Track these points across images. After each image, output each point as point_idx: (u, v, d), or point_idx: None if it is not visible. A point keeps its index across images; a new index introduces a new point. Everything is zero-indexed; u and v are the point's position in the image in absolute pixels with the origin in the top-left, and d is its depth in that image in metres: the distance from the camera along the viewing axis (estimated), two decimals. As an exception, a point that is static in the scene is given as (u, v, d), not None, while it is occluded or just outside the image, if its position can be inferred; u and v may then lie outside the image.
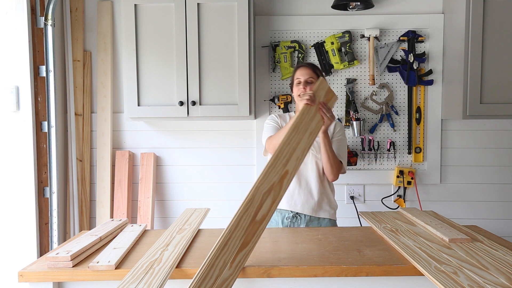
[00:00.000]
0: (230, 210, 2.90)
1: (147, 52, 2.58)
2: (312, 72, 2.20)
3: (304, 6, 2.84)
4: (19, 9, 2.49)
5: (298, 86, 2.18)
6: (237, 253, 1.38)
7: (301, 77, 2.18)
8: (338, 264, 1.46)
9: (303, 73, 2.19)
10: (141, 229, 1.88)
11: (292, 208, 2.18)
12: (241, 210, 1.44)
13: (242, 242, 1.40)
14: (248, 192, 1.48)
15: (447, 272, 1.33)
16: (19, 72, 2.52)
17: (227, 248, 1.36)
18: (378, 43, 2.83)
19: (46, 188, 2.62)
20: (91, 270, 1.43)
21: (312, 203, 2.18)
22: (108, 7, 2.84)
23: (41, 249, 2.62)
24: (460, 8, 2.57)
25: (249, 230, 1.43)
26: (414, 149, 2.87)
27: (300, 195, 2.18)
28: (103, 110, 2.85)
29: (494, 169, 2.89)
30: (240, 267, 1.38)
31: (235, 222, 1.41)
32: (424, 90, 2.86)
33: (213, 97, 2.58)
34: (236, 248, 1.38)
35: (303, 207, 2.18)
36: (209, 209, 2.20)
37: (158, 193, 2.94)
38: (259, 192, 1.50)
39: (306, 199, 2.18)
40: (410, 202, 2.90)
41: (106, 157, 2.85)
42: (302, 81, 2.17)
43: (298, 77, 2.20)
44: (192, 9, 2.54)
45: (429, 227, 1.81)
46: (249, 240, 1.42)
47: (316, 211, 2.18)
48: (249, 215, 1.45)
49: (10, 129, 2.54)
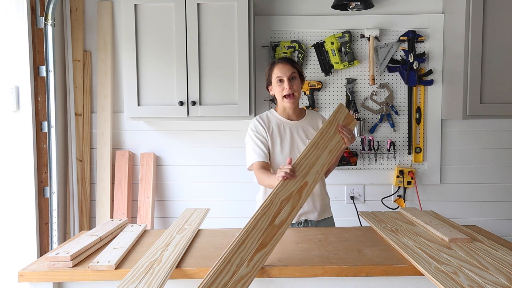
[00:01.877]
0: (230, 210, 2.90)
1: (147, 52, 2.58)
2: (292, 67, 2.04)
3: (304, 6, 2.84)
4: (19, 9, 2.49)
5: (281, 85, 2.03)
6: (255, 252, 1.44)
7: (282, 75, 2.02)
8: (338, 264, 1.46)
9: (283, 70, 2.03)
10: (141, 229, 1.88)
11: (301, 218, 2.12)
12: (259, 213, 1.53)
13: (260, 242, 1.47)
14: (266, 198, 1.60)
15: (447, 272, 1.33)
16: (19, 72, 2.52)
17: (244, 246, 1.43)
18: (378, 43, 2.83)
19: (46, 188, 2.62)
20: (91, 270, 1.43)
21: (318, 210, 2.14)
22: (108, 7, 2.84)
23: (41, 249, 2.62)
24: (460, 8, 2.57)
25: (268, 232, 1.51)
26: (414, 149, 2.87)
27: (307, 204, 2.11)
28: (103, 110, 2.85)
29: (494, 169, 2.89)
30: (259, 267, 1.43)
31: (252, 223, 1.50)
32: (424, 90, 2.86)
33: (213, 97, 2.58)
34: (254, 247, 1.45)
35: (309, 215, 2.13)
36: (209, 209, 2.20)
37: (158, 193, 2.94)
38: (277, 198, 1.60)
39: (313, 207, 2.12)
40: (410, 202, 2.90)
41: (106, 157, 2.85)
42: (284, 79, 2.02)
43: (278, 75, 2.03)
44: (192, 9, 2.54)
45: (429, 227, 1.81)
46: (268, 242, 1.49)
47: (321, 215, 2.16)
48: (267, 218, 1.54)
49: (10, 129, 2.54)
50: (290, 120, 2.13)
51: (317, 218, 2.14)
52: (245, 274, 1.38)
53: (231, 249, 1.40)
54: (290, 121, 2.13)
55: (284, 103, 2.08)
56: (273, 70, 2.07)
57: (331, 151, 1.85)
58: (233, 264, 1.37)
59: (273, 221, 1.54)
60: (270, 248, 1.49)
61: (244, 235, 1.45)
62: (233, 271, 1.36)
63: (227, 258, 1.37)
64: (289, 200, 1.62)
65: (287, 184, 1.65)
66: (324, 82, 2.85)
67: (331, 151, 1.85)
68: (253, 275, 1.39)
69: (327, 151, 1.84)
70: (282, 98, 2.07)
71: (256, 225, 1.50)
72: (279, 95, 2.07)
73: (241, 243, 1.43)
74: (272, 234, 1.52)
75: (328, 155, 1.83)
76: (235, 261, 1.38)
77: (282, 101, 2.08)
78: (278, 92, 2.07)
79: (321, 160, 1.79)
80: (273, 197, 1.59)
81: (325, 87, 2.86)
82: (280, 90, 2.05)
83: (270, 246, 1.49)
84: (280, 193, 1.61)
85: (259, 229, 1.50)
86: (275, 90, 2.09)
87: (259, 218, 1.52)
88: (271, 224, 1.53)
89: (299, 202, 1.65)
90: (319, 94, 2.86)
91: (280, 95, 2.07)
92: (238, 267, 1.38)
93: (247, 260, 1.41)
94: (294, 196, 1.64)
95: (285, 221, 1.57)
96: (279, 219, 1.56)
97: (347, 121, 1.98)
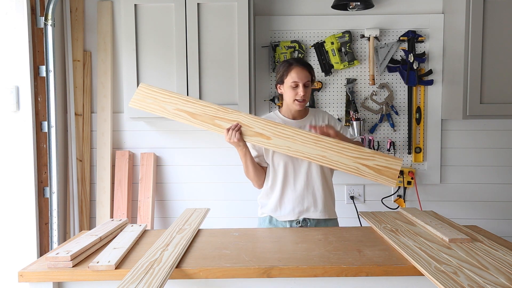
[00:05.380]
0: (230, 210, 2.90)
1: (147, 52, 2.58)
2: (309, 74, 2.07)
3: (304, 6, 2.84)
4: (19, 9, 2.49)
5: (295, 90, 2.04)
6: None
7: (299, 80, 2.03)
8: (338, 264, 1.46)
9: (301, 76, 2.04)
10: (141, 229, 1.88)
11: (300, 216, 2.12)
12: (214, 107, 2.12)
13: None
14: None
15: (447, 272, 1.33)
16: (19, 72, 2.52)
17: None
18: (378, 43, 2.83)
19: (46, 188, 2.62)
20: (91, 270, 1.43)
21: (319, 208, 2.13)
22: (108, 7, 2.84)
23: (41, 249, 2.62)
24: (460, 8, 2.57)
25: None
26: (414, 149, 2.87)
27: (307, 201, 2.12)
28: (103, 110, 2.85)
29: (494, 169, 2.89)
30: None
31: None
32: (424, 90, 2.86)
33: (213, 97, 2.58)
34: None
35: (310, 213, 2.12)
36: (209, 209, 2.20)
37: (158, 193, 2.94)
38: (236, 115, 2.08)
39: (313, 205, 2.12)
40: (410, 202, 2.90)
41: (106, 157, 2.85)
42: (300, 84, 2.03)
43: (295, 79, 2.03)
44: (192, 9, 2.54)
45: (429, 227, 1.81)
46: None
47: (325, 212, 2.15)
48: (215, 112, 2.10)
49: (10, 129, 2.54)
50: (293, 120, 2.16)
51: (318, 217, 2.13)
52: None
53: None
54: (293, 121, 2.16)
55: (294, 106, 2.08)
56: (290, 73, 2.05)
57: (323, 156, 1.95)
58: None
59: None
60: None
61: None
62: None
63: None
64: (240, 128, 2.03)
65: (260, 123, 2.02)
66: (324, 82, 2.85)
67: (321, 157, 1.96)
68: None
69: (317, 151, 1.95)
70: (292, 101, 2.07)
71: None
72: (291, 98, 2.07)
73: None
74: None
75: (313, 154, 1.96)
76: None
77: (291, 103, 2.08)
78: (290, 96, 2.06)
79: (302, 147, 1.96)
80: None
81: (325, 87, 2.86)
82: (293, 94, 2.05)
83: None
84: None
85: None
86: (286, 92, 2.08)
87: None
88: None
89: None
90: (319, 94, 2.86)
91: (291, 98, 2.07)
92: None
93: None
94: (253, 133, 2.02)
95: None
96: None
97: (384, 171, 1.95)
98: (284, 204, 2.12)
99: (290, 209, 2.12)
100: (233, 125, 2.03)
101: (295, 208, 2.11)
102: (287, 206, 2.12)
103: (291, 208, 2.11)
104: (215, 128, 2.07)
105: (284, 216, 2.12)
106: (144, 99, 2.14)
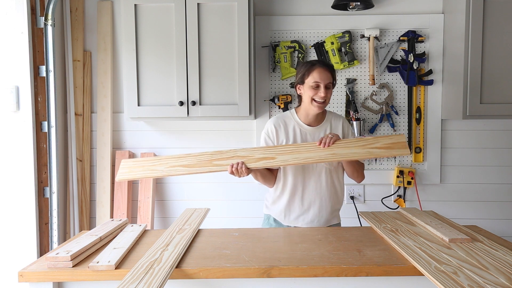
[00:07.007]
0: (230, 210, 2.90)
1: (147, 52, 2.58)
2: (332, 76, 2.02)
3: (304, 6, 2.84)
4: (19, 9, 2.49)
5: (316, 90, 1.98)
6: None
7: (321, 81, 1.97)
8: (338, 264, 1.46)
9: (323, 77, 1.98)
10: (141, 229, 1.88)
11: (304, 225, 2.12)
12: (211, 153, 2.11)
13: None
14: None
15: (447, 272, 1.33)
16: (19, 72, 2.52)
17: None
18: (378, 43, 2.83)
19: (46, 188, 2.62)
20: (91, 270, 1.43)
21: (324, 218, 2.13)
22: (108, 7, 2.84)
23: (41, 249, 2.62)
24: (460, 8, 2.57)
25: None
26: (414, 149, 2.87)
27: (313, 213, 2.12)
28: (103, 110, 2.85)
29: (494, 169, 2.89)
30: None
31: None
32: (424, 90, 2.86)
33: (213, 97, 2.58)
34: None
35: (314, 223, 2.12)
36: (209, 209, 2.20)
37: (158, 193, 2.94)
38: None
39: (318, 217, 2.12)
40: (410, 202, 2.90)
41: (106, 157, 2.85)
42: (321, 85, 1.97)
43: (317, 80, 1.97)
44: (192, 9, 2.54)
45: (429, 227, 1.81)
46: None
47: (329, 222, 2.16)
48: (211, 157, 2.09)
49: (10, 129, 2.54)
50: (309, 126, 2.09)
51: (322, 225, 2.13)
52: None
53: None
54: (309, 127, 2.09)
55: (313, 107, 2.01)
56: (312, 73, 1.99)
57: (333, 154, 1.95)
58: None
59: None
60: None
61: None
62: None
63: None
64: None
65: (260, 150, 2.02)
66: (324, 82, 2.85)
67: (331, 155, 1.95)
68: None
69: (325, 152, 1.95)
70: (311, 101, 2.01)
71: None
72: (310, 98, 2.01)
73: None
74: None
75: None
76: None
77: (310, 104, 2.01)
78: (310, 95, 2.00)
79: (309, 154, 1.97)
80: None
81: (325, 87, 2.85)
82: (313, 94, 1.99)
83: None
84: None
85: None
86: (306, 91, 2.01)
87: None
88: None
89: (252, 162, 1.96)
90: (319, 94, 2.85)
91: (310, 98, 2.00)
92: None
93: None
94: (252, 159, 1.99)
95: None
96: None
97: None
98: (290, 214, 2.14)
99: (294, 218, 2.14)
100: (234, 164, 1.96)
101: (299, 217, 2.13)
102: (292, 215, 2.14)
103: (295, 217, 2.13)
104: (215, 168, 2.00)
105: (289, 223, 2.15)
106: (131, 170, 2.08)
